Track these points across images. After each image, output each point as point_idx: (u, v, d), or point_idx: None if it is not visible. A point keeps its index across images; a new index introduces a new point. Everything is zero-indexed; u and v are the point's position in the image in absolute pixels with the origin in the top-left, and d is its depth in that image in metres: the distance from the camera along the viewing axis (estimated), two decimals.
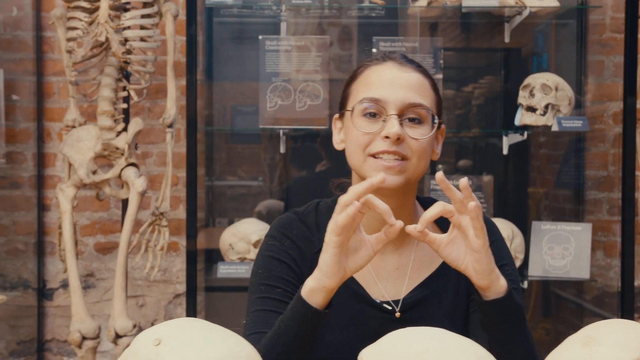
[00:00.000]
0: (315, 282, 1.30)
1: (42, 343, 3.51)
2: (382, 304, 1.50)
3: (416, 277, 1.53)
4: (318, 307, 1.30)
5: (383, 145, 1.43)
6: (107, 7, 2.88)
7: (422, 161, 1.47)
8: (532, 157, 3.68)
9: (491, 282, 1.30)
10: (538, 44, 3.58)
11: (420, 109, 1.46)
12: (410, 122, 1.45)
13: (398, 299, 1.51)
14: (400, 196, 1.45)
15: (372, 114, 1.46)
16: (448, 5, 3.13)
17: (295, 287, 1.50)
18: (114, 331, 2.90)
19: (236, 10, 3.40)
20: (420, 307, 1.50)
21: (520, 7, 3.12)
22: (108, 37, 2.87)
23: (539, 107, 3.08)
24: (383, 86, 1.46)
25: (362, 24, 3.52)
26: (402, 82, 1.47)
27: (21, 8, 3.43)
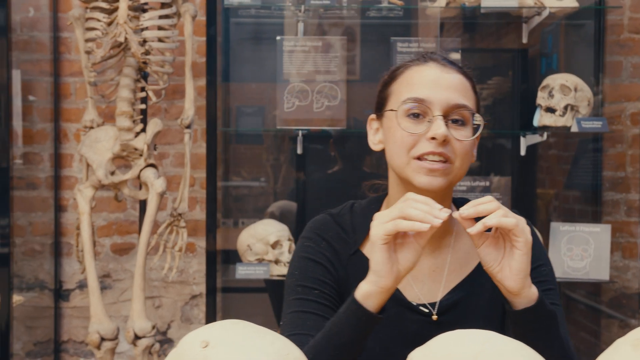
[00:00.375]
0: (371, 284, 1.29)
1: (59, 344, 3.51)
2: (419, 306, 1.50)
3: (452, 280, 1.52)
4: (373, 310, 1.29)
5: (428, 146, 1.42)
6: (126, 7, 2.87)
7: (465, 164, 1.46)
8: (549, 158, 3.67)
9: (524, 287, 1.28)
10: (547, 44, 3.57)
11: (464, 110, 1.45)
12: (453, 124, 1.44)
13: (434, 302, 1.50)
14: (439, 198, 1.45)
15: (416, 114, 1.44)
16: (466, 6, 3.12)
17: (332, 289, 1.49)
18: (133, 332, 2.90)
19: (253, 11, 3.39)
20: (457, 309, 1.50)
21: (540, 7, 3.11)
22: (127, 38, 2.86)
23: (558, 107, 3.07)
24: (426, 86, 1.45)
25: (379, 25, 3.51)
26: (445, 82, 1.45)
27: (38, 9, 3.43)
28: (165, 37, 2.98)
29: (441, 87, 1.45)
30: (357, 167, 3.59)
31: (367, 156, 3.60)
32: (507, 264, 1.28)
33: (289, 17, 3.40)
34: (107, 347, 2.96)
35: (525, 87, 3.55)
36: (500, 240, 1.30)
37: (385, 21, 3.46)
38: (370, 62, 3.53)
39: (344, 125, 3.22)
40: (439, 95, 1.44)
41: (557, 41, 3.56)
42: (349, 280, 1.51)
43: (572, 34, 3.60)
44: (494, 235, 1.30)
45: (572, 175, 3.64)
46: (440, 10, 3.17)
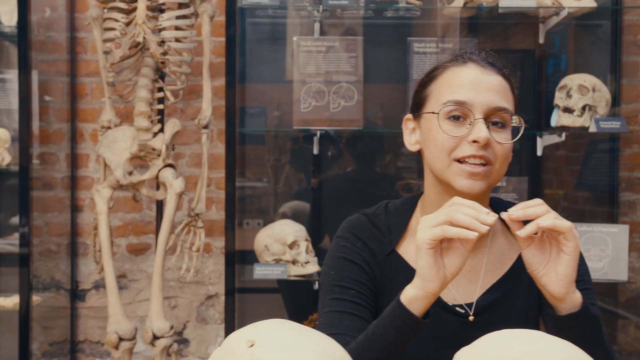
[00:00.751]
0: (417, 289, 1.29)
1: (75, 344, 3.51)
2: (455, 307, 1.50)
3: (488, 280, 1.52)
4: (418, 315, 1.29)
5: (470, 149, 1.41)
6: (144, 7, 2.87)
7: (504, 166, 1.46)
8: (561, 159, 3.66)
9: (568, 292, 1.28)
10: (555, 45, 3.56)
11: (505, 112, 1.44)
12: (493, 126, 1.44)
13: (471, 302, 1.50)
14: (478, 200, 1.44)
15: (456, 117, 1.44)
16: (484, 7, 3.12)
17: (368, 289, 1.49)
18: (151, 332, 2.90)
19: (270, 11, 3.39)
20: (493, 309, 1.49)
21: (557, 7, 3.11)
22: (146, 38, 2.86)
23: (576, 108, 3.06)
24: (467, 88, 1.44)
25: (396, 25, 3.50)
26: (486, 85, 1.44)
27: (54, 9, 3.43)
28: (183, 37, 2.98)
29: (482, 89, 1.44)
30: (373, 167, 3.59)
31: (384, 156, 3.60)
32: (553, 269, 1.28)
33: (305, 17, 3.40)
34: (125, 347, 2.96)
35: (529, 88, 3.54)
36: (546, 243, 1.29)
37: (402, 21, 3.45)
38: (387, 63, 3.53)
39: (360, 126, 3.22)
40: (480, 97, 1.43)
41: (566, 42, 3.55)
42: (385, 281, 1.51)
43: (582, 34, 3.59)
44: (540, 239, 1.29)
45: (587, 175, 3.63)
46: (458, 10, 3.17)
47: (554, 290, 1.28)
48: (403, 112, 3.41)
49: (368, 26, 3.51)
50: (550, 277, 1.28)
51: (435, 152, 1.46)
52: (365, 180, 3.58)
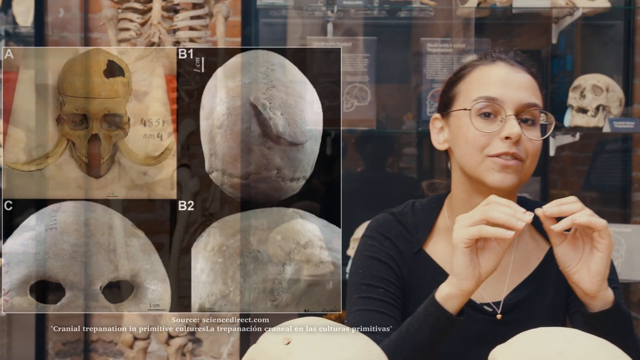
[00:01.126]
0: (452, 287, 1.29)
1: (88, 343, 3.52)
2: (483, 305, 1.50)
3: (515, 278, 1.52)
4: (453, 313, 1.30)
5: (502, 146, 1.42)
6: (159, 8, 2.88)
7: (534, 163, 1.46)
8: (577, 159, 3.67)
9: (600, 289, 1.28)
10: (560, 46, 3.56)
11: (535, 109, 1.45)
12: (524, 124, 1.44)
13: (498, 301, 1.50)
14: (507, 196, 1.44)
15: (487, 114, 1.44)
16: (497, 7, 3.13)
17: (396, 287, 1.49)
18: (166, 332, 2.91)
19: (284, 12, 3.40)
20: (521, 308, 1.50)
21: (571, 7, 3.11)
22: (161, 38, 2.87)
23: (590, 108, 3.07)
24: (497, 86, 1.45)
25: (409, 25, 3.51)
26: (516, 82, 1.45)
27: (68, 9, 3.44)
28: (198, 37, 2.98)
29: (512, 86, 1.45)
30: (386, 168, 3.59)
31: (396, 156, 3.61)
32: (585, 266, 1.28)
33: (319, 17, 3.41)
34: (139, 346, 2.97)
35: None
36: (579, 240, 1.29)
37: (415, 22, 3.46)
38: (400, 63, 3.54)
39: (373, 126, 3.23)
40: (511, 94, 1.44)
41: (572, 42, 3.55)
42: (413, 279, 1.52)
43: (591, 34, 3.59)
44: (572, 236, 1.30)
45: (597, 176, 3.64)
46: (472, 10, 3.17)
47: (587, 287, 1.28)
48: (415, 112, 3.42)
49: (380, 26, 3.52)
50: (583, 274, 1.28)
51: (466, 150, 1.47)
52: (376, 180, 3.58)
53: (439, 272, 1.51)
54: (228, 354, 3.56)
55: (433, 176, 3.68)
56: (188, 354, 2.97)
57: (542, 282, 1.52)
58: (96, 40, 3.48)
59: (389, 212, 1.59)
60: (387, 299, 1.47)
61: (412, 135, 3.62)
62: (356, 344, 1.06)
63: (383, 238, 1.54)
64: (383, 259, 1.52)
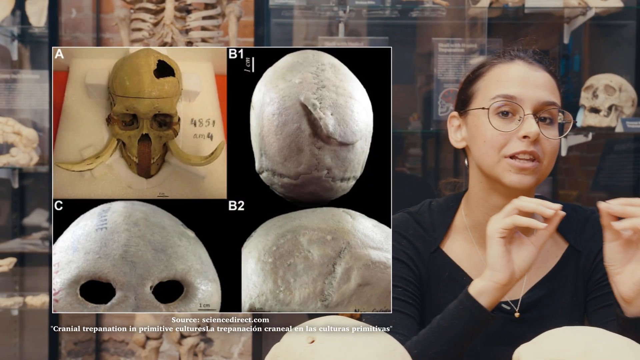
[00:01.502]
0: (486, 280, 1.30)
1: (100, 343, 3.53)
2: (501, 304, 1.50)
3: (533, 277, 1.52)
4: (487, 307, 1.30)
5: (520, 145, 1.42)
6: (172, 8, 2.89)
7: (551, 163, 1.46)
8: (586, 159, 3.66)
9: (638, 297, 1.27)
10: (567, 46, 3.56)
11: (553, 108, 1.44)
12: (542, 122, 1.44)
13: (516, 299, 1.51)
14: (525, 195, 1.44)
15: (505, 112, 1.44)
16: (509, 7, 3.13)
17: (415, 287, 1.50)
18: (178, 332, 2.91)
19: (296, 12, 3.40)
20: (539, 306, 1.50)
21: (584, 7, 3.11)
22: (174, 39, 2.88)
23: (602, 108, 3.06)
24: (515, 84, 1.45)
25: (420, 25, 3.51)
26: (534, 80, 1.45)
27: (80, 10, 3.45)
28: (210, 37, 2.99)
29: (530, 85, 1.44)
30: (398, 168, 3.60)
31: (402, 157, 3.61)
32: (630, 270, 1.28)
33: (330, 17, 3.41)
34: (152, 346, 2.97)
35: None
36: (632, 244, 1.29)
37: (426, 22, 3.46)
38: (412, 63, 3.54)
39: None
40: (529, 92, 1.43)
41: (580, 42, 3.54)
42: (430, 278, 1.52)
43: (601, 34, 3.58)
44: (627, 237, 1.29)
45: (605, 176, 3.63)
46: (485, 10, 3.17)
47: (624, 291, 1.29)
48: (421, 113, 3.42)
49: (392, 26, 3.52)
50: (625, 277, 1.28)
51: (484, 149, 1.47)
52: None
53: (457, 270, 1.51)
54: (239, 353, 3.56)
55: (439, 177, 3.69)
56: (200, 354, 2.97)
57: (560, 280, 1.52)
58: (108, 40, 3.49)
59: (406, 212, 1.60)
60: (406, 298, 1.48)
61: (417, 136, 3.62)
62: (380, 343, 1.06)
63: (400, 237, 1.54)
64: (401, 259, 1.52)
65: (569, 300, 1.52)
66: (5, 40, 3.37)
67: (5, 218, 3.53)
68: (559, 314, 1.50)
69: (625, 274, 1.28)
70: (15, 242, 3.43)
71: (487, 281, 1.30)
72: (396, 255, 1.52)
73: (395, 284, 1.49)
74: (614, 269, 1.30)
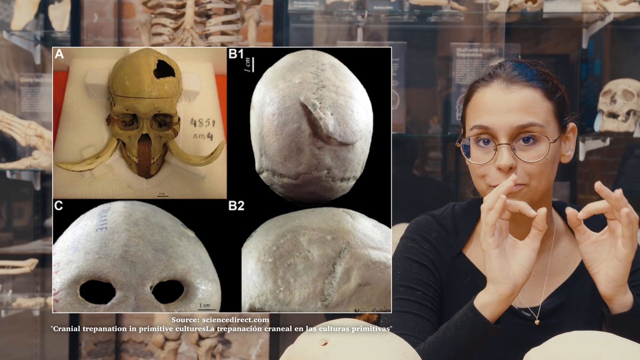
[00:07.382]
0: (490, 293, 1.31)
1: (119, 344, 3.56)
2: (521, 310, 1.50)
3: (553, 283, 1.52)
4: (490, 320, 1.31)
5: (499, 177, 1.42)
6: (192, 13, 2.92)
7: (543, 180, 1.44)
8: (606, 164, 3.65)
9: (617, 294, 1.31)
10: (588, 50, 3.55)
11: (531, 127, 1.42)
12: (524, 143, 1.42)
13: (536, 306, 1.51)
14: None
15: (486, 140, 1.44)
16: (527, 12, 3.13)
17: (434, 291, 1.50)
18: (197, 333, 2.94)
19: (315, 17, 3.42)
20: (558, 313, 1.50)
21: (602, 12, 3.11)
22: (194, 43, 2.91)
23: (620, 113, 3.06)
24: (489, 112, 1.44)
25: (438, 30, 3.52)
26: (507, 105, 1.43)
27: (102, 14, 3.49)
28: (229, 42, 3.02)
29: (503, 110, 1.43)
30: (414, 171, 3.60)
31: (422, 160, 3.62)
32: (604, 269, 1.31)
33: (349, 22, 3.43)
34: (170, 347, 3.00)
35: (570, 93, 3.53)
36: (603, 243, 1.32)
37: (444, 26, 3.47)
38: (431, 67, 3.55)
39: (402, 130, 3.24)
40: (502, 120, 1.42)
41: (601, 46, 3.53)
42: (451, 283, 1.52)
43: (621, 38, 3.56)
44: (599, 237, 1.33)
45: (625, 180, 3.61)
46: (503, 15, 3.17)
47: (603, 290, 1.32)
48: (441, 116, 3.43)
49: (409, 31, 3.53)
50: (601, 276, 1.32)
51: (473, 177, 1.50)
52: (405, 183, 3.59)
53: (478, 275, 1.51)
54: (257, 355, 3.59)
55: (459, 180, 3.69)
56: (218, 355, 3.00)
57: (579, 286, 1.52)
58: (130, 44, 3.53)
59: (430, 214, 1.60)
60: (424, 301, 1.48)
61: (437, 139, 3.63)
62: (392, 345, 1.08)
63: (423, 240, 1.54)
64: (422, 262, 1.52)
65: (588, 306, 1.51)
66: (28, 44, 3.41)
67: (27, 220, 3.58)
68: (578, 320, 1.50)
69: (601, 274, 1.32)
70: (37, 243, 3.48)
71: (491, 295, 1.30)
72: (418, 259, 1.52)
73: (416, 287, 1.49)
74: (592, 269, 1.33)
